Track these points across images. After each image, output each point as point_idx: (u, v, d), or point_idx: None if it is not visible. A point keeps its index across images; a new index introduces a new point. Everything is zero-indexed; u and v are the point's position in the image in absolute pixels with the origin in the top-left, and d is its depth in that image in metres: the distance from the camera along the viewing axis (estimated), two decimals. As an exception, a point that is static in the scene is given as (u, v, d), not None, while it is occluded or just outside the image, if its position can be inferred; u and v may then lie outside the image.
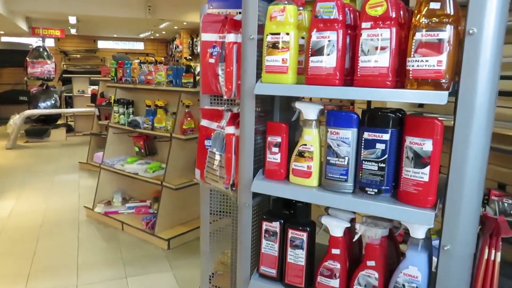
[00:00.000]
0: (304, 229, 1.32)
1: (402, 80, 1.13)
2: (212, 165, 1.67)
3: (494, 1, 0.97)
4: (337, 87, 1.18)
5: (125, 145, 4.35)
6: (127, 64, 4.11)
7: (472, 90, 1.02)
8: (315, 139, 1.28)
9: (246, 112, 1.36)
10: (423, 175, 1.10)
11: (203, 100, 1.82)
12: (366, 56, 1.13)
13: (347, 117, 1.21)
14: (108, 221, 4.07)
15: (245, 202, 1.42)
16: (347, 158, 1.21)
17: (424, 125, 1.09)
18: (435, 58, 1.03)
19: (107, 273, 3.12)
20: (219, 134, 1.65)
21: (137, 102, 4.22)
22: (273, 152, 1.35)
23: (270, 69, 1.28)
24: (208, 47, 1.69)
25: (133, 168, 3.93)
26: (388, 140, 1.15)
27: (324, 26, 1.18)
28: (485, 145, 1.05)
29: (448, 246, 1.07)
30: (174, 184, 3.54)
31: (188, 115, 3.57)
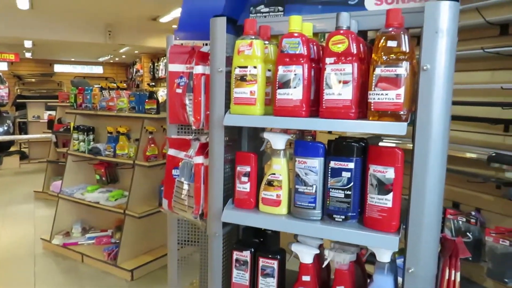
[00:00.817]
0: (274, 257, 1.34)
1: (364, 111, 1.20)
2: (180, 194, 1.66)
3: (444, 41, 1.06)
4: (304, 118, 1.23)
5: (85, 173, 4.22)
6: (88, 90, 4.03)
7: (428, 120, 1.10)
8: (284, 168, 1.31)
9: (215, 143, 1.39)
10: (386, 201, 1.16)
11: (170, 129, 1.83)
12: (330, 89, 1.19)
13: (314, 147, 1.25)
14: (67, 253, 3.89)
15: (215, 231, 1.42)
16: (315, 186, 1.25)
17: (386, 154, 1.16)
18: (394, 91, 1.11)
19: (66, 309, 2.98)
20: (187, 163, 1.66)
21: (98, 129, 4.13)
22: (242, 181, 1.37)
23: (238, 100, 1.32)
24: (175, 78, 1.71)
25: (93, 197, 3.81)
26: (353, 168, 1.20)
27: (290, 61, 1.24)
28: (442, 170, 1.12)
29: (412, 268, 1.13)
30: (137, 212, 3.46)
31: (152, 142, 3.53)
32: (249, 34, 1.31)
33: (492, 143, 2.72)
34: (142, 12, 6.48)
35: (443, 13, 1.06)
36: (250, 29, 1.31)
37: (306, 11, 1.39)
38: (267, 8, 1.46)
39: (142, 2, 5.29)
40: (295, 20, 1.24)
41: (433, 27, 1.07)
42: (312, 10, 1.38)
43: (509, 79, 2.62)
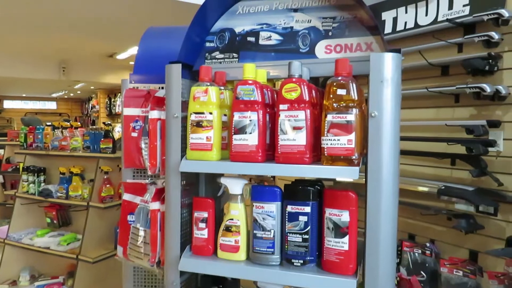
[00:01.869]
0: (234, 306, 1.31)
1: (318, 154, 1.23)
2: (136, 241, 1.60)
3: (389, 90, 1.13)
4: (260, 163, 1.24)
5: (35, 216, 3.99)
6: (39, 129, 3.89)
7: (378, 164, 1.14)
8: (241, 213, 1.31)
9: (171, 189, 1.37)
10: (343, 244, 1.18)
11: (125, 173, 1.78)
12: (285, 135, 1.21)
13: (270, 191, 1.27)
14: (12, 304, 3.61)
15: (172, 281, 1.37)
16: (273, 231, 1.25)
17: (340, 198, 1.19)
18: (345, 137, 1.15)
19: None
20: (143, 209, 1.61)
21: (50, 169, 3.96)
22: (200, 227, 1.35)
23: (194, 146, 1.32)
24: (131, 121, 1.69)
25: (43, 242, 3.60)
26: (310, 212, 1.22)
27: (245, 107, 1.26)
28: (393, 211, 1.16)
29: (371, 311, 1.14)
30: (91, 257, 3.29)
31: (107, 182, 3.42)
32: (205, 80, 1.33)
33: (441, 176, 2.85)
34: (98, 49, 6.43)
35: (387, 64, 1.13)
36: (205, 76, 1.34)
37: (260, 58, 1.43)
38: (222, 54, 1.49)
39: (98, 40, 5.26)
40: (249, 67, 1.28)
41: (378, 77, 1.13)
42: (266, 57, 1.43)
43: (452, 116, 2.79)
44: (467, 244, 2.70)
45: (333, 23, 1.36)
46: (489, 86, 2.41)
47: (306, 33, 1.39)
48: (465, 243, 2.71)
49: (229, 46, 1.48)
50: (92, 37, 4.96)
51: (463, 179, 2.73)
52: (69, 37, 4.93)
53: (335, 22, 1.35)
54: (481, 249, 2.61)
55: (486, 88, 2.42)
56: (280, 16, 1.42)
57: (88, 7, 3.03)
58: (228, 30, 1.49)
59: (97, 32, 4.37)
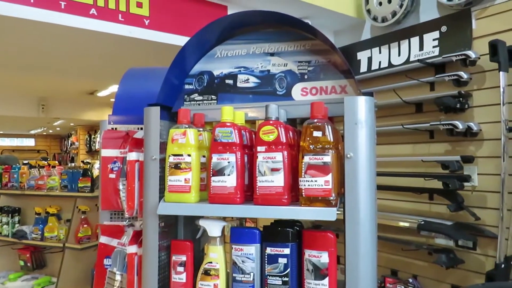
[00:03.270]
0: None
1: (297, 195, 1.24)
2: (112, 286, 1.55)
3: (363, 132, 1.16)
4: (239, 205, 1.24)
5: (8, 259, 3.84)
6: (15, 169, 3.81)
7: (355, 202, 1.15)
8: (220, 256, 1.29)
9: (149, 232, 1.34)
10: (323, 287, 1.17)
11: (103, 215, 1.75)
12: (263, 176, 1.22)
13: (249, 233, 1.26)
14: None
15: (149, 329, 1.33)
16: (252, 274, 1.23)
17: (319, 239, 1.19)
18: (322, 178, 1.17)
19: None
20: (120, 252, 1.57)
21: (25, 210, 3.85)
22: (178, 271, 1.32)
23: (173, 188, 1.31)
24: (109, 163, 1.68)
25: (16, 286, 3.46)
26: (289, 254, 1.21)
27: (223, 149, 1.27)
28: (372, 251, 1.16)
29: None
30: (66, 302, 3.16)
31: (85, 222, 3.35)
32: (183, 123, 1.34)
33: (420, 211, 2.89)
34: (78, 87, 6.41)
35: (360, 107, 1.17)
36: (183, 118, 1.35)
37: (238, 100, 1.46)
38: (201, 96, 1.51)
39: (78, 78, 5.25)
40: (227, 110, 1.30)
41: (352, 119, 1.17)
42: (244, 99, 1.46)
43: (428, 151, 2.87)
44: (449, 278, 2.71)
45: (308, 67, 1.40)
46: (461, 123, 2.50)
47: (282, 76, 1.43)
48: (447, 277, 2.72)
49: (207, 89, 1.51)
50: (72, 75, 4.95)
51: (441, 213, 2.77)
52: (48, 74, 4.92)
53: (310, 66, 1.40)
54: (462, 284, 2.62)
55: (458, 125, 2.51)
56: (257, 60, 1.46)
57: (69, 46, 3.06)
58: (206, 73, 1.52)
59: (78, 70, 4.38)
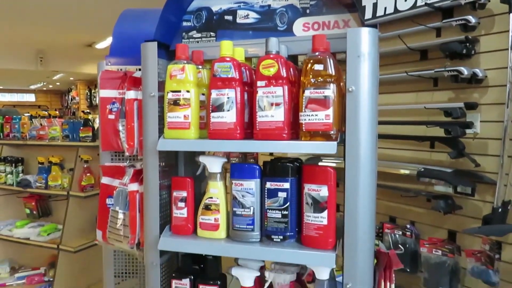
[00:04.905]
0: (215, 283, 1.31)
1: (297, 132, 1.23)
2: (115, 224, 1.59)
3: (366, 65, 1.13)
4: (238, 140, 1.23)
5: (14, 208, 3.91)
6: (16, 119, 3.79)
7: (356, 137, 1.15)
8: (221, 192, 1.30)
9: (149, 169, 1.35)
10: (322, 219, 1.18)
11: (103, 156, 1.76)
12: (263, 111, 1.21)
13: (249, 169, 1.26)
14: (-8, 297, 3.55)
15: (152, 261, 1.36)
16: (252, 208, 1.25)
17: (319, 173, 1.19)
18: (323, 112, 1.15)
19: None
20: (122, 192, 1.59)
21: (28, 160, 3.88)
22: (179, 207, 1.34)
23: (172, 125, 1.30)
24: (107, 103, 1.66)
25: (23, 233, 3.54)
26: (289, 188, 1.22)
27: (222, 84, 1.25)
28: (372, 185, 1.16)
29: (350, 284, 1.15)
30: (72, 247, 3.25)
31: (87, 171, 3.37)
32: (181, 58, 1.31)
33: (420, 159, 2.90)
34: (76, 38, 6.28)
35: (363, 39, 1.13)
36: (182, 54, 1.32)
37: (237, 37, 1.42)
38: (199, 33, 1.47)
39: (76, 29, 5.13)
40: (226, 45, 1.26)
41: (355, 52, 1.13)
42: (244, 35, 1.41)
43: (431, 99, 2.83)
44: (446, 224, 2.76)
45: (310, 1, 1.35)
46: (466, 69, 2.45)
47: (283, 11, 1.38)
48: (444, 223, 2.77)
49: (206, 25, 1.46)
50: (69, 26, 4.84)
51: (441, 161, 2.78)
52: (45, 26, 4.80)
53: (313, 0, 1.35)
54: (459, 229, 2.67)
55: (463, 71, 2.45)
56: (257, -6, 1.41)
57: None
58: (205, 9, 1.47)
59: (75, 21, 4.27)
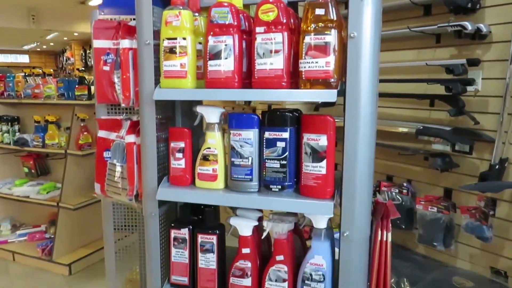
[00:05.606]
0: (213, 233, 1.32)
1: (296, 81, 1.20)
2: (113, 177, 1.58)
3: (369, 10, 1.09)
4: (236, 89, 1.21)
5: (12, 167, 3.92)
6: (10, 77, 3.72)
7: (357, 86, 1.12)
8: (219, 142, 1.29)
9: (146, 119, 1.33)
10: (321, 169, 1.18)
11: (99, 110, 1.73)
12: (261, 59, 1.17)
13: (248, 118, 1.24)
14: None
15: (151, 211, 1.37)
16: (251, 158, 1.24)
17: (319, 122, 1.17)
18: (324, 59, 1.12)
19: (-4, 311, 2.77)
20: (119, 145, 1.58)
21: (24, 119, 3.84)
22: (177, 158, 1.33)
23: (168, 74, 1.27)
24: (102, 54, 1.61)
25: (22, 191, 3.56)
26: (288, 138, 1.21)
27: (220, 31, 1.21)
28: (372, 134, 1.15)
29: (347, 232, 1.16)
30: (72, 204, 3.28)
31: (84, 129, 3.35)
32: (177, 4, 1.26)
33: (419, 118, 2.88)
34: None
35: (367, -20, 1.08)
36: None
37: (235, -18, 1.36)
38: (196, -22, 1.40)
39: (68, -17, 4.95)
40: (223, -11, 1.21)
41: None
42: (242, -20, 1.35)
43: (433, 56, 2.78)
44: (442, 182, 2.78)
45: None
46: (470, 24, 2.38)
47: (284, -46, 1.31)
48: (440, 181, 2.79)
49: (203, -30, 1.40)
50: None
51: (441, 120, 2.77)
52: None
53: None
54: (456, 187, 2.69)
55: (467, 26, 2.39)
56: None
57: None
58: (201, -48, 1.40)
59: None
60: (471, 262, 2.65)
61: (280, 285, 1.27)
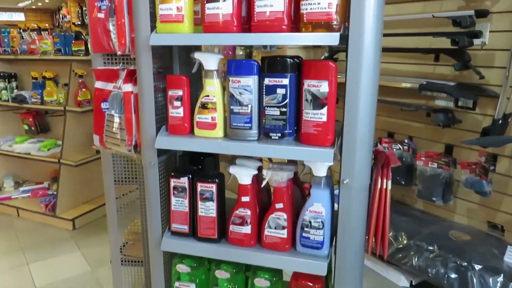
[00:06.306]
0: (213, 181, 1.32)
1: (298, 26, 1.15)
2: (112, 128, 1.56)
3: None
4: (235, 33, 1.16)
5: (11, 124, 3.91)
6: (4, 33, 3.63)
7: (360, 29, 1.07)
8: (217, 90, 1.26)
9: (143, 66, 1.29)
10: (321, 116, 1.15)
11: (95, 60, 1.68)
12: (261, 1, 1.12)
13: (247, 64, 1.20)
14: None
15: (150, 161, 1.36)
16: (250, 105, 1.21)
17: (320, 68, 1.14)
18: (326, 0, 1.07)
19: (3, 263, 2.84)
20: (116, 95, 1.55)
21: (21, 75, 3.79)
22: (175, 106, 1.30)
23: (164, 18, 1.22)
24: (96, 1, 1.55)
25: (23, 148, 3.57)
26: (288, 84, 1.17)
27: (218, -29, 1.14)
28: (374, 79, 1.11)
29: (347, 180, 1.15)
30: (73, 161, 3.29)
31: (83, 86, 3.31)
32: None
33: (423, 73, 2.83)
34: None
35: None
36: None
37: None
38: None
39: None
40: None
41: None
42: None
43: (439, 9, 2.68)
44: (444, 138, 2.77)
45: None
46: (480, -29, 2.28)
47: None
48: (442, 137, 2.77)
49: None
50: None
51: (445, 75, 2.71)
52: None
53: None
54: (457, 143, 2.68)
55: (477, -26, 2.29)
56: None
57: None
58: None
59: None
60: (468, 217, 2.69)
61: (280, 232, 1.28)
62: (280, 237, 1.28)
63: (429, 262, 2.34)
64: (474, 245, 2.36)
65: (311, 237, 1.25)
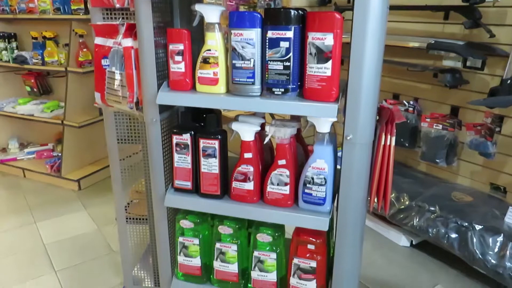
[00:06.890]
0: (215, 137, 1.31)
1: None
2: (113, 85, 1.54)
3: None
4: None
5: (14, 85, 3.89)
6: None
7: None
8: (219, 44, 1.22)
9: (142, 17, 1.25)
10: (326, 70, 1.12)
11: (94, 15, 1.64)
12: None
13: (250, 16, 1.16)
14: (5, 169, 3.72)
15: (152, 117, 1.35)
16: (253, 60, 1.18)
17: (325, 19, 1.10)
18: None
19: (12, 221, 2.90)
20: (117, 52, 1.51)
21: (21, 36, 3.73)
22: (176, 61, 1.28)
23: (164, -33, 1.17)
24: (93, -49, 1.49)
25: (26, 109, 3.56)
26: (292, 37, 1.14)
27: None
28: (381, 33, 1.07)
29: (351, 135, 1.14)
30: (77, 122, 3.29)
31: (83, 46, 3.26)
32: None
33: (432, 32, 2.76)
34: None
35: None
36: None
37: None
38: None
39: None
40: None
41: None
42: None
43: (451, -37, 2.57)
44: (450, 100, 2.73)
45: None
46: None
47: None
48: (448, 99, 2.73)
49: None
50: None
51: (454, 34, 2.64)
52: None
53: None
54: (464, 104, 2.64)
55: None
56: None
57: None
58: None
59: None
60: (471, 179, 2.69)
61: (282, 188, 1.28)
62: (283, 193, 1.29)
63: (430, 222, 2.37)
64: (475, 206, 2.37)
65: (313, 193, 1.25)
